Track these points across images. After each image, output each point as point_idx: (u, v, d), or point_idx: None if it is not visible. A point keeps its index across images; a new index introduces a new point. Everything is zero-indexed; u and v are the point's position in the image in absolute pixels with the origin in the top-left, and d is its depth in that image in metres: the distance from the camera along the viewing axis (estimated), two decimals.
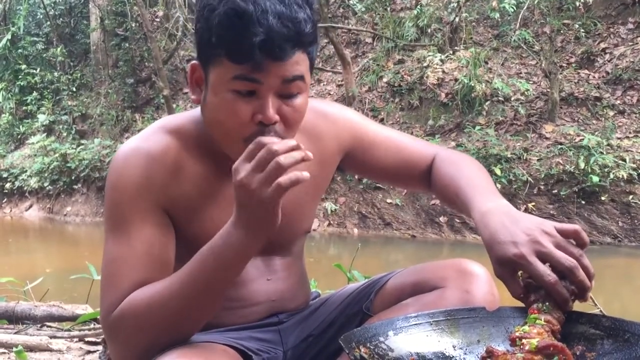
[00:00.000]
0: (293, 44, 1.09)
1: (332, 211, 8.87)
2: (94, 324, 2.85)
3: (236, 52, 1.08)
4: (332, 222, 8.89)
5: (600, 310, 2.75)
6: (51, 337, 2.60)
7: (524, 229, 1.09)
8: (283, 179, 0.99)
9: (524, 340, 1.00)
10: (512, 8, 8.61)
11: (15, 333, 2.70)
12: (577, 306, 1.10)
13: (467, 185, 1.27)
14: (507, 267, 1.09)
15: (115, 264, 1.15)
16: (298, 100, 1.15)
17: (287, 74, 1.10)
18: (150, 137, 1.23)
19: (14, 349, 2.35)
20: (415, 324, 1.14)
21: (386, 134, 1.43)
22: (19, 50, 14.34)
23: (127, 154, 1.21)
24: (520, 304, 1.12)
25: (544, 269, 1.05)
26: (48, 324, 2.93)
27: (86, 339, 2.64)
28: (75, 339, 2.64)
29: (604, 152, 7.46)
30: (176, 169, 1.21)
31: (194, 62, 1.19)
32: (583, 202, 7.41)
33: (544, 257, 1.06)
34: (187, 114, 1.27)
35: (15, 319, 2.92)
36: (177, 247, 1.22)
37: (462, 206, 1.26)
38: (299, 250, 1.43)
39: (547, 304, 1.06)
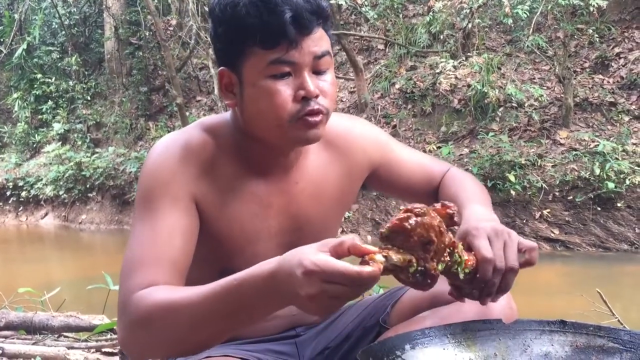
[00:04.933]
0: (317, 16, 1.17)
1: (345, 218, 8.87)
2: (111, 335, 2.86)
3: (268, 36, 1.14)
4: (345, 229, 8.88)
5: (618, 320, 2.73)
6: (69, 347, 2.62)
7: (494, 225, 1.17)
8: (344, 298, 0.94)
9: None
10: (525, 14, 8.56)
11: (34, 344, 2.72)
12: (595, 318, 1.09)
13: (466, 198, 1.34)
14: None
15: (139, 247, 1.16)
16: (329, 76, 1.22)
17: (317, 49, 1.18)
18: (189, 131, 1.28)
19: None
20: (432, 337, 1.14)
21: (408, 152, 1.49)
22: (35, 60, 14.46)
23: (166, 143, 1.26)
24: (539, 317, 1.13)
25: (486, 244, 1.12)
26: (65, 334, 2.95)
27: (103, 350, 2.66)
28: (93, 350, 2.66)
29: (620, 158, 7.37)
30: (210, 164, 1.25)
31: (221, 68, 1.23)
32: (599, 209, 7.34)
33: (490, 242, 1.12)
34: (221, 116, 1.32)
35: (33, 329, 2.94)
36: (201, 242, 1.22)
37: None
38: None
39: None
